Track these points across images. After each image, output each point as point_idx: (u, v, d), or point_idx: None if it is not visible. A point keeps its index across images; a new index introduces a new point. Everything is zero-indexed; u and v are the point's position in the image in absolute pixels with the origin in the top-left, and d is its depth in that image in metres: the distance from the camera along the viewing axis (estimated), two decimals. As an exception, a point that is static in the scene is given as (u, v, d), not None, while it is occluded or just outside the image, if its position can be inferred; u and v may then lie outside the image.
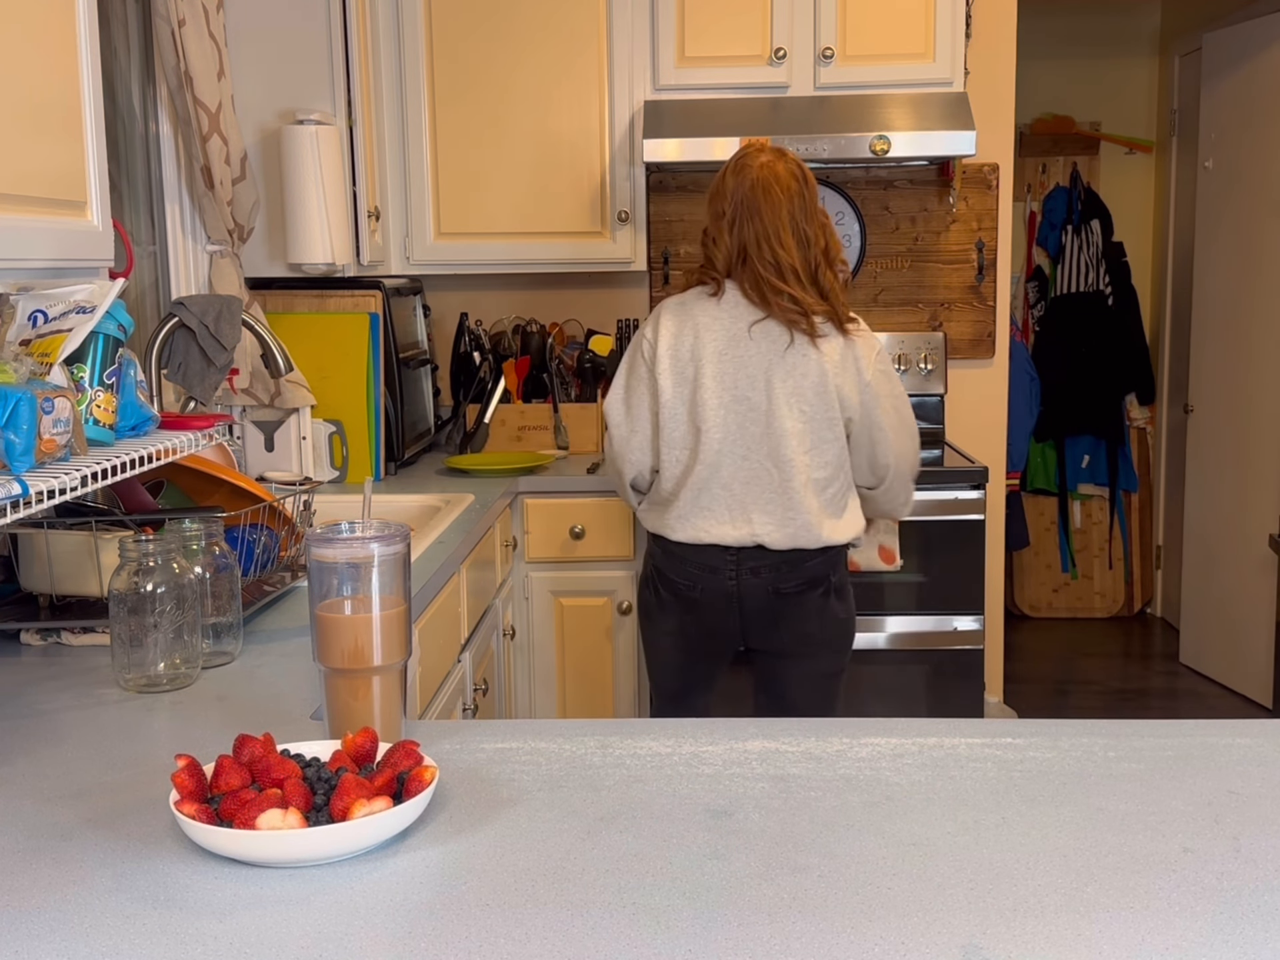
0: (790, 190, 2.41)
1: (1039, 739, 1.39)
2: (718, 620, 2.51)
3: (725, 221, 2.42)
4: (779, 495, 2.42)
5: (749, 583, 2.46)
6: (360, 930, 0.99)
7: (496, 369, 3.67)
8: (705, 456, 2.42)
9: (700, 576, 2.48)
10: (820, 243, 2.41)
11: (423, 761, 1.19)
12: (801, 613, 2.48)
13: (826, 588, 2.48)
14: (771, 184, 2.40)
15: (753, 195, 2.40)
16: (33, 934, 0.99)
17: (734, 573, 2.46)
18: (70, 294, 1.61)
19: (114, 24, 2.76)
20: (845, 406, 2.43)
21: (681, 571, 2.49)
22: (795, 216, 2.40)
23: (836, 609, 2.51)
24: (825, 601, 2.48)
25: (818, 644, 2.52)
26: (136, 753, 1.39)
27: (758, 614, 2.48)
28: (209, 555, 1.68)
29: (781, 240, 2.38)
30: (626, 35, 3.44)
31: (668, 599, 2.53)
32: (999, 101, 3.80)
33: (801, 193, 2.42)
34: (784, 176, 2.41)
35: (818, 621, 2.49)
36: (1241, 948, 0.96)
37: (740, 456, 2.42)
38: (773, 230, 2.38)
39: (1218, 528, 4.65)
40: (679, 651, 2.59)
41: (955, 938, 0.97)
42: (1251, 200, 4.43)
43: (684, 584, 2.50)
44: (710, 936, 0.98)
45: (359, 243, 3.20)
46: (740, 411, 2.41)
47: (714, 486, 2.43)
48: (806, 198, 2.42)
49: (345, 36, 3.10)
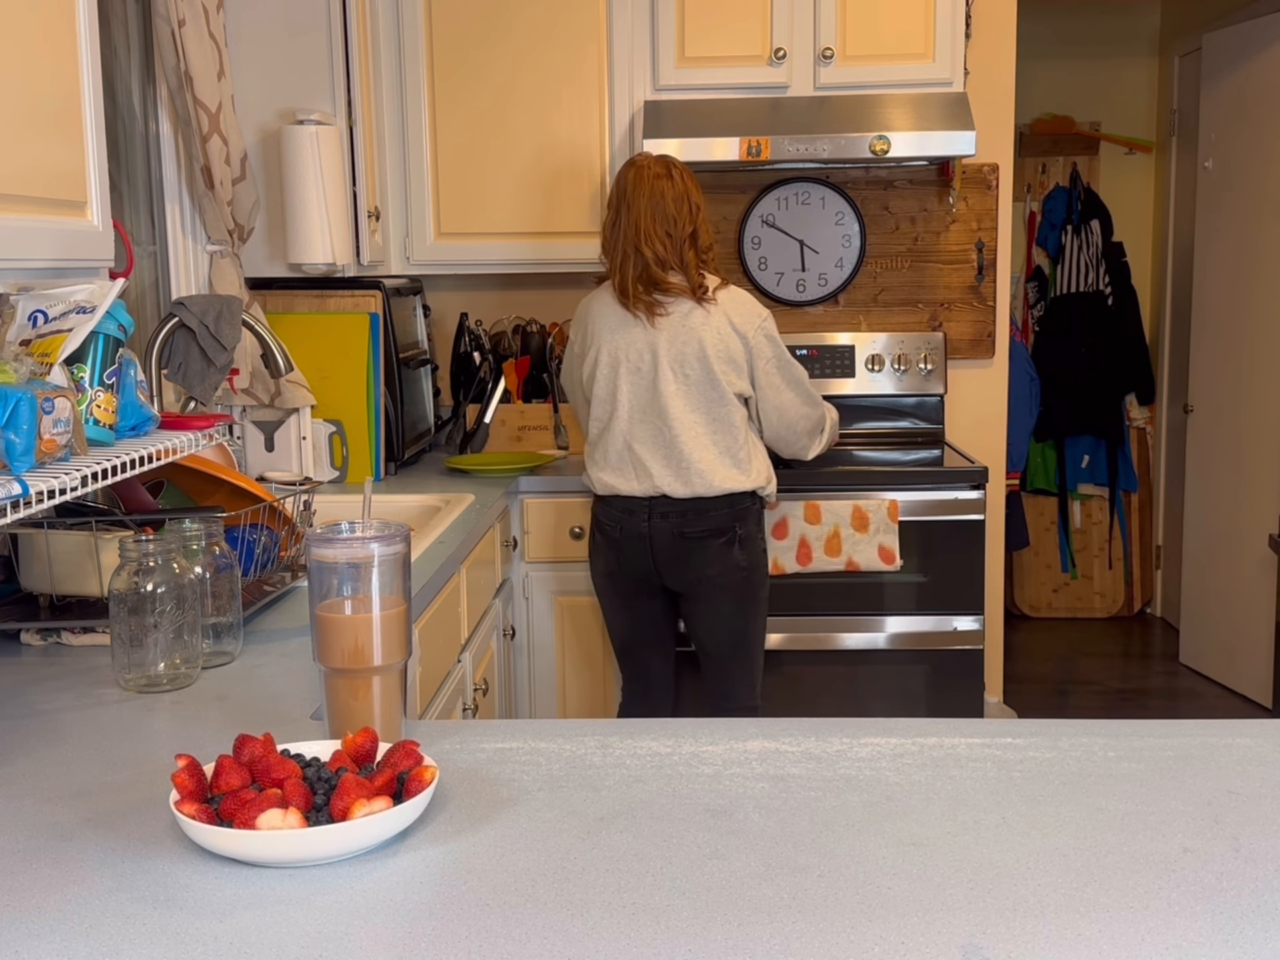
0: (655, 186, 2.77)
1: (1039, 739, 1.39)
2: (636, 559, 2.89)
3: (608, 222, 2.85)
4: (672, 451, 2.81)
5: (658, 525, 2.85)
6: (360, 930, 0.99)
7: (496, 369, 3.67)
8: (613, 423, 2.85)
9: (620, 519, 2.88)
10: (687, 229, 2.78)
11: (423, 761, 1.19)
12: (704, 557, 2.84)
13: (730, 537, 2.84)
14: (639, 182, 2.78)
15: (624, 194, 2.80)
16: (33, 934, 0.99)
17: (646, 516, 2.85)
18: (70, 294, 1.61)
19: (114, 24, 2.76)
20: (734, 367, 2.81)
21: (608, 515, 2.91)
22: (658, 209, 2.76)
23: (737, 557, 2.85)
24: (728, 550, 2.84)
25: (715, 587, 2.86)
26: (136, 753, 1.39)
27: (666, 554, 2.86)
28: (209, 555, 1.68)
29: (645, 232, 2.76)
30: (626, 35, 3.44)
31: (600, 541, 2.95)
32: (999, 101, 3.80)
33: (664, 187, 2.77)
34: (647, 173, 2.79)
35: (719, 566, 2.85)
36: (1241, 948, 0.96)
37: (638, 421, 2.83)
38: (641, 224, 2.76)
39: (1217, 528, 4.65)
40: (614, 594, 2.97)
41: (955, 937, 0.97)
42: (1251, 200, 4.43)
43: (610, 525, 2.91)
44: (710, 936, 0.98)
45: (359, 243, 3.20)
46: (634, 381, 2.82)
47: (619, 446, 2.85)
48: (669, 191, 2.77)
49: (345, 36, 3.10)
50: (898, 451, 3.66)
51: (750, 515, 2.87)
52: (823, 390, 3.80)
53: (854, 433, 3.83)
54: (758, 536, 2.90)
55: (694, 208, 2.79)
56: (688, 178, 2.81)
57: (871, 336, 3.82)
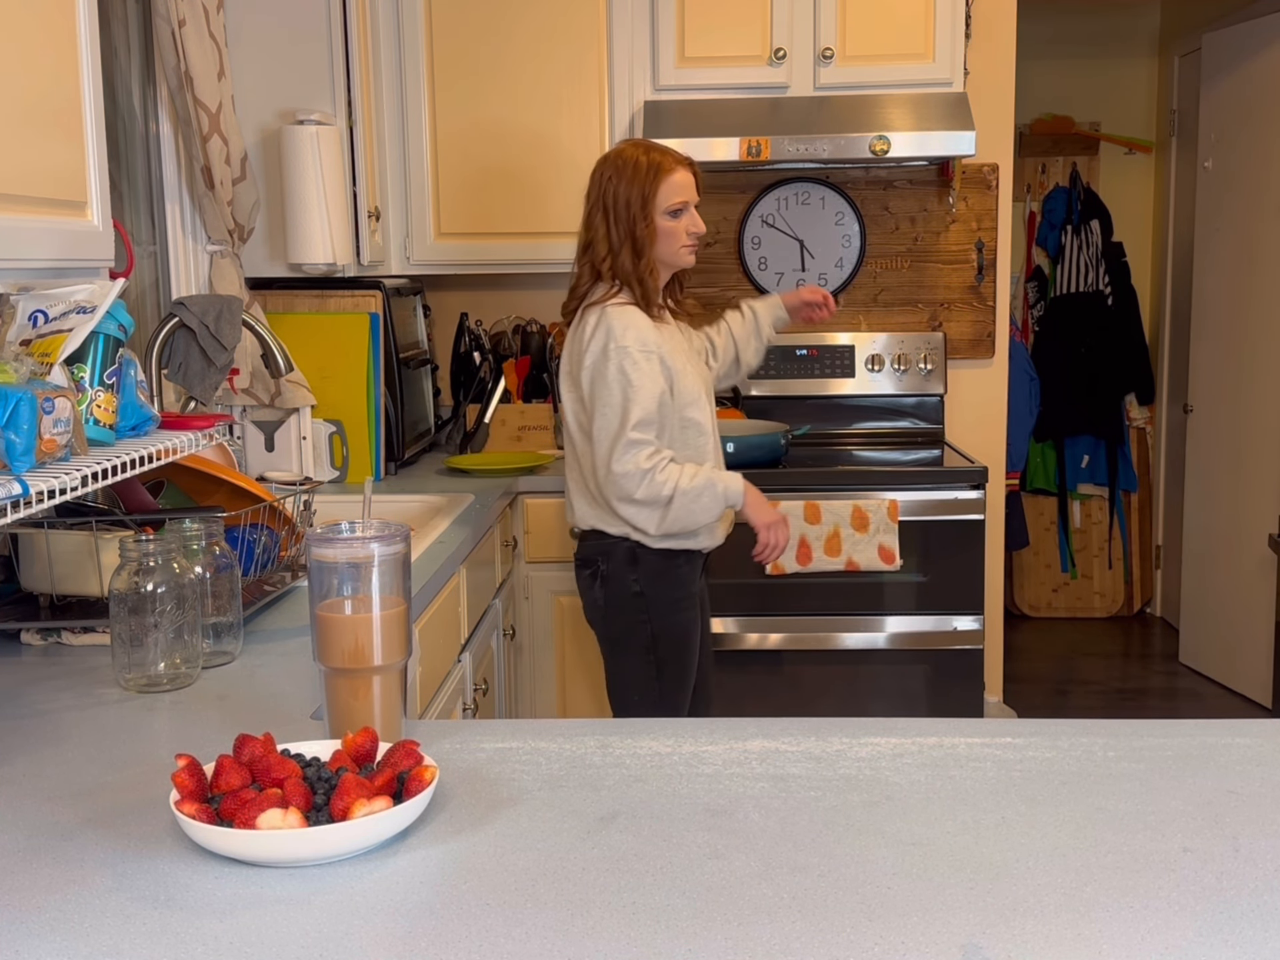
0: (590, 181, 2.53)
1: (1039, 739, 1.39)
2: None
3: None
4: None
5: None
6: (360, 930, 0.99)
7: (496, 369, 3.67)
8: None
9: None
10: (584, 237, 2.52)
11: (423, 761, 1.19)
12: (579, 585, 2.63)
13: (594, 571, 2.57)
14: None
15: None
16: (33, 934, 1.00)
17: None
18: (70, 294, 1.61)
19: (114, 24, 2.76)
20: (573, 394, 2.52)
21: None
22: (587, 208, 2.52)
23: (597, 594, 2.59)
24: (590, 583, 2.59)
25: (588, 617, 2.65)
26: (136, 753, 1.39)
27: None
28: (209, 555, 1.68)
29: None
30: (626, 35, 3.44)
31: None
32: (999, 101, 3.80)
33: (593, 184, 2.51)
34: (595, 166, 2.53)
35: (586, 598, 2.63)
36: (1241, 948, 0.96)
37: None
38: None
39: (1217, 527, 4.65)
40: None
41: (955, 937, 0.97)
42: (1251, 200, 4.43)
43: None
44: (710, 936, 0.98)
45: (359, 243, 3.20)
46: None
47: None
48: (592, 188, 2.50)
49: (345, 36, 3.10)
50: (898, 451, 3.66)
51: (617, 553, 2.51)
52: (822, 390, 3.81)
53: (854, 433, 3.83)
54: (628, 579, 2.52)
55: (619, 205, 2.47)
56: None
57: (871, 336, 3.82)
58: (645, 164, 2.43)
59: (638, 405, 2.38)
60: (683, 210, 2.47)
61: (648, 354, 2.40)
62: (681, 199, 2.46)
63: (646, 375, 2.40)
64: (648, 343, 2.42)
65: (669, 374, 2.45)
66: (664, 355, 2.44)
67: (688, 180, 2.48)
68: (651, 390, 2.40)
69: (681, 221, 2.47)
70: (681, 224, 2.47)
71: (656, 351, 2.42)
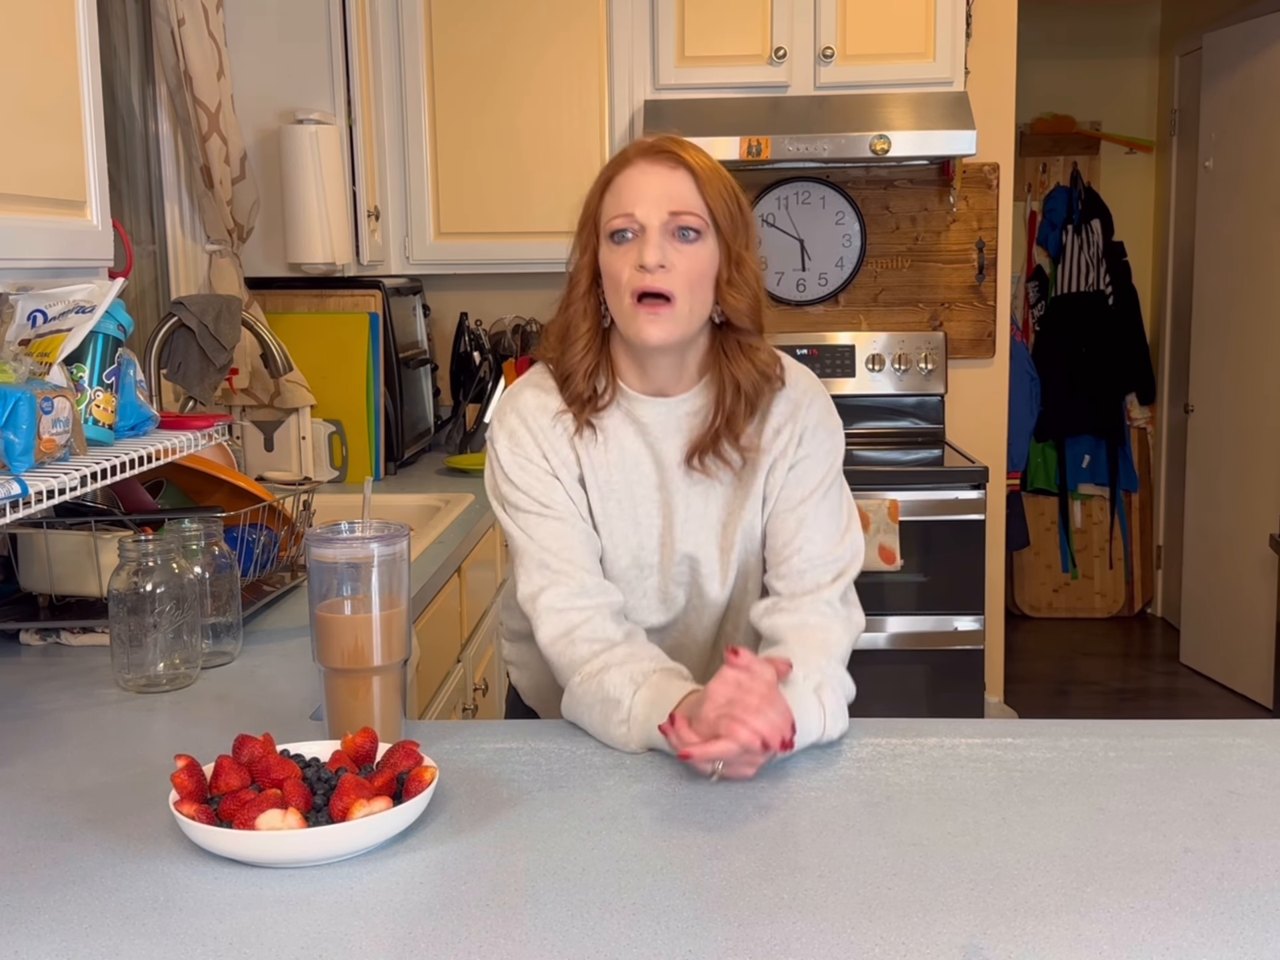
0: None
1: (1039, 739, 1.39)
2: None
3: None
4: None
5: None
6: (360, 930, 0.99)
7: (496, 369, 3.67)
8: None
9: None
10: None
11: (422, 762, 1.19)
12: None
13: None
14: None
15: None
16: (33, 934, 0.99)
17: None
18: (70, 293, 1.60)
19: (114, 24, 2.76)
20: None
21: None
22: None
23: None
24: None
25: None
26: (136, 753, 1.39)
27: None
28: (208, 555, 1.68)
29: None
30: (626, 35, 3.44)
31: None
32: (999, 101, 3.80)
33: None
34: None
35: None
36: (1242, 948, 0.96)
37: None
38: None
39: (1218, 527, 4.64)
40: None
41: (955, 938, 0.97)
42: (1252, 200, 4.43)
43: None
44: (710, 936, 0.98)
45: (359, 242, 3.20)
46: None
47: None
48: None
49: (345, 36, 3.10)
50: (898, 451, 3.66)
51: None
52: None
53: (854, 432, 3.83)
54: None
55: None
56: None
57: (872, 336, 3.82)
58: (612, 159, 1.54)
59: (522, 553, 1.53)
60: (624, 233, 1.47)
61: (522, 462, 1.53)
62: (622, 212, 1.46)
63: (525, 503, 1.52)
64: (522, 444, 1.53)
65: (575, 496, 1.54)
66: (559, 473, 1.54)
67: (648, 179, 1.47)
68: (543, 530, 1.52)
69: (621, 253, 1.47)
70: (621, 257, 1.47)
71: (540, 464, 1.53)
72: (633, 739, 1.36)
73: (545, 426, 1.54)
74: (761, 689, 1.27)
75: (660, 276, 1.45)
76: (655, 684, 1.37)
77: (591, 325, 1.54)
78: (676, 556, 1.57)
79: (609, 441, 1.55)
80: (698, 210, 1.48)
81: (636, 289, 1.46)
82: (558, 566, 1.49)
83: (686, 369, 1.56)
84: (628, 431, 1.56)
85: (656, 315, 1.46)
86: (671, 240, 1.47)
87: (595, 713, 1.39)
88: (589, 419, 1.54)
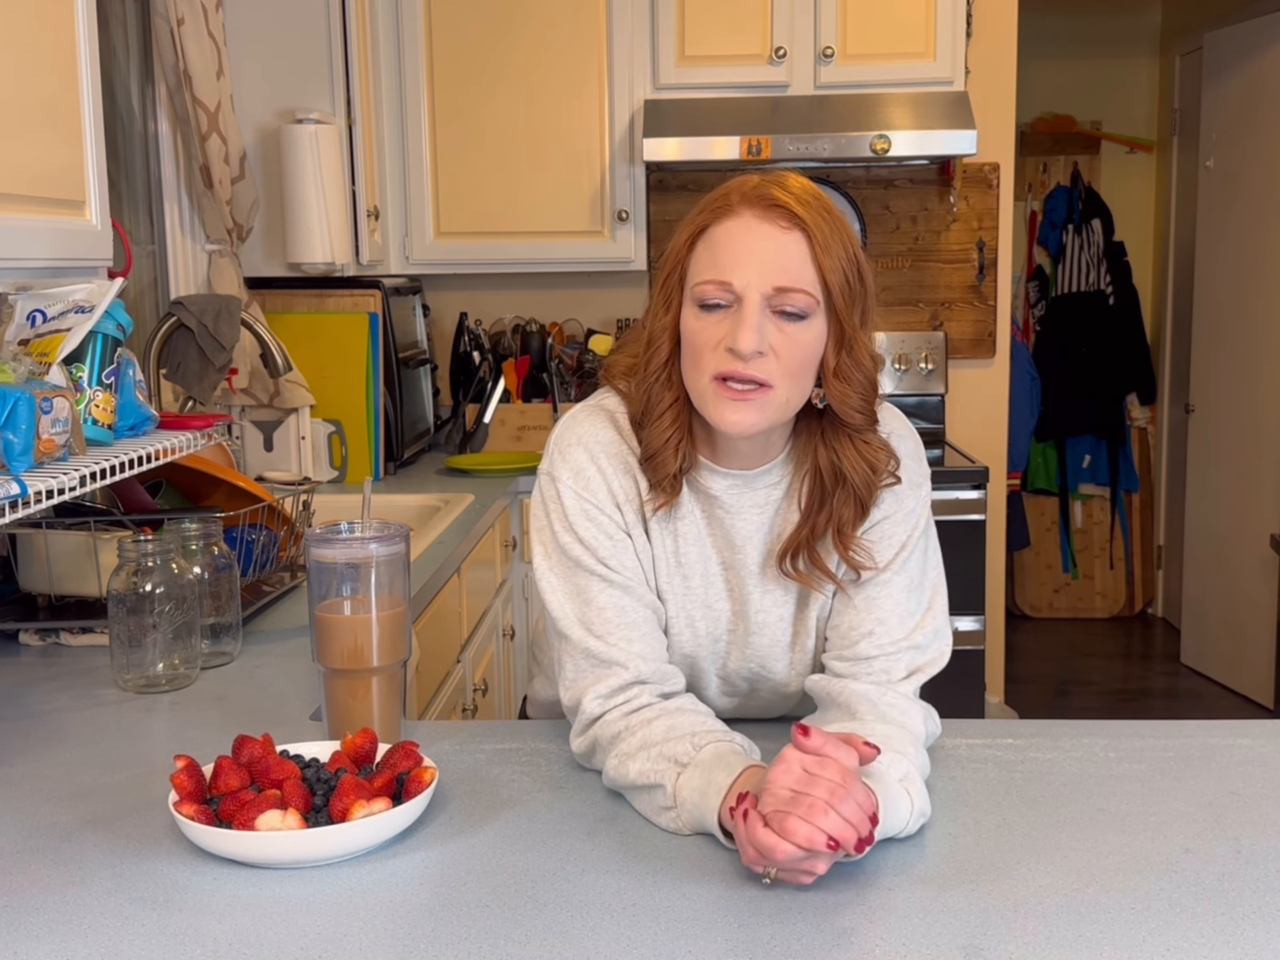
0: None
1: (1040, 739, 1.39)
2: None
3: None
4: None
5: None
6: (360, 930, 0.99)
7: (496, 369, 3.67)
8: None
9: None
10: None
11: (422, 762, 1.19)
12: None
13: None
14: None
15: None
16: (33, 934, 0.99)
17: None
18: (69, 293, 1.60)
19: (114, 24, 2.76)
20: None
21: None
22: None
23: None
24: None
25: None
26: (136, 753, 1.39)
27: None
28: (208, 555, 1.68)
29: None
30: (626, 34, 3.44)
31: None
32: (1000, 101, 3.80)
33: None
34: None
35: None
36: (1242, 948, 0.96)
37: None
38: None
39: (1219, 528, 4.64)
40: None
41: (956, 938, 0.97)
42: (1253, 200, 4.43)
43: None
44: (711, 936, 0.98)
45: (358, 242, 3.20)
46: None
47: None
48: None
49: (345, 36, 3.10)
50: (898, 451, 3.65)
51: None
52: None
53: (854, 432, 3.82)
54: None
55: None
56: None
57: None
58: (711, 198, 1.35)
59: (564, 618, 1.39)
60: (716, 306, 1.24)
61: (590, 510, 1.33)
62: (718, 279, 1.23)
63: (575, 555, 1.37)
64: (592, 488, 1.33)
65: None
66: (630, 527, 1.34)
67: (752, 241, 1.24)
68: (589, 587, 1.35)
69: (710, 324, 1.24)
70: (708, 329, 1.24)
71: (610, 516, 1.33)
72: (683, 825, 1.15)
73: (619, 471, 1.31)
74: (835, 777, 1.03)
75: (755, 365, 1.21)
76: (702, 763, 1.15)
77: (678, 397, 1.29)
78: (745, 642, 1.37)
79: (679, 509, 1.32)
80: (809, 288, 1.22)
81: (722, 373, 1.22)
82: (608, 656, 1.27)
83: (771, 445, 1.33)
84: (692, 501, 1.33)
85: (744, 401, 1.22)
86: (773, 318, 1.22)
87: (641, 802, 1.20)
88: (668, 491, 1.30)
